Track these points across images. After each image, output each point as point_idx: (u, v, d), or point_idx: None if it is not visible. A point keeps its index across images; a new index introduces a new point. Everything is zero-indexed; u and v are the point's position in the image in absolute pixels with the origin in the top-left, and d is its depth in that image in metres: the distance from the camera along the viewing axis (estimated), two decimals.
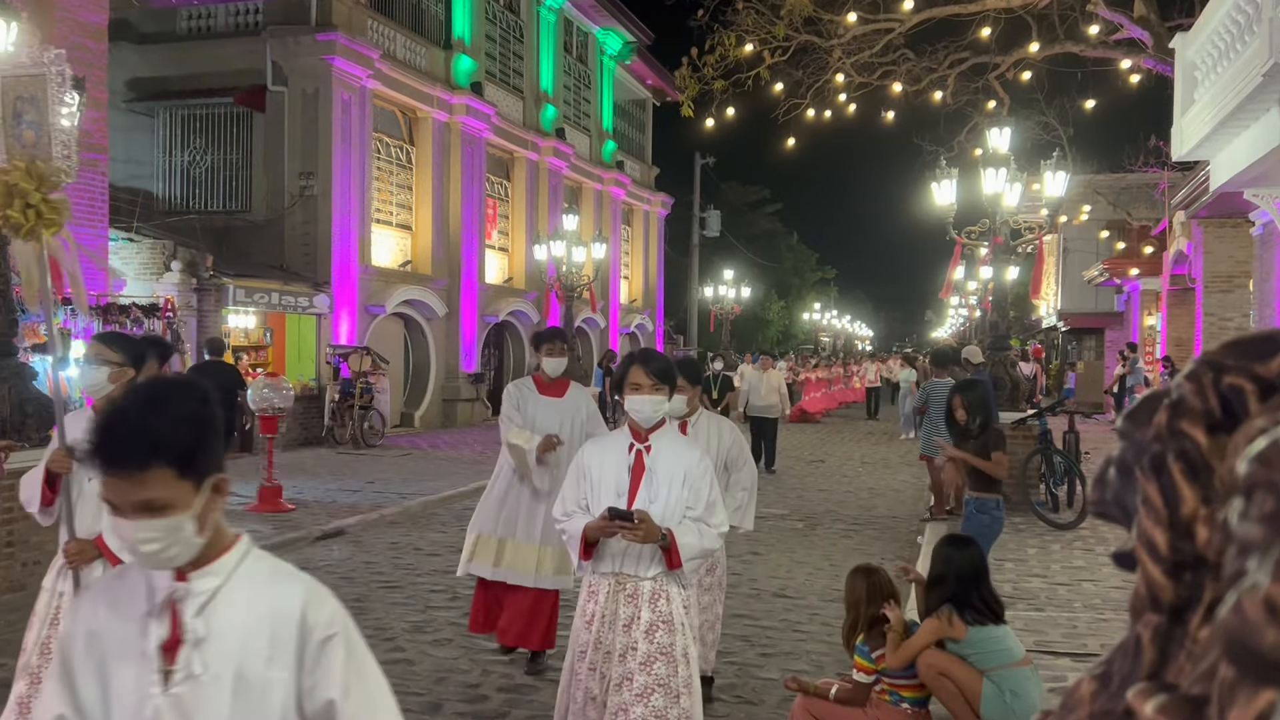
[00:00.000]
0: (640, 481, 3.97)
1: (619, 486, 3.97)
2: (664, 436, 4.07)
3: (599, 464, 4.06)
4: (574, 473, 4.15)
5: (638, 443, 4.05)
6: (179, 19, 21.15)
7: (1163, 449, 0.63)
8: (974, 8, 16.90)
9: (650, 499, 3.91)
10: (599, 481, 4.02)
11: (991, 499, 6.72)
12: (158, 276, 16.44)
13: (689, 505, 3.94)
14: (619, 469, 4.01)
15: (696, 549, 3.89)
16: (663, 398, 4.01)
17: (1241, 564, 0.51)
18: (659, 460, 3.99)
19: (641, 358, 4.05)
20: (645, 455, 4.01)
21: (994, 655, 4.68)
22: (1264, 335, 0.61)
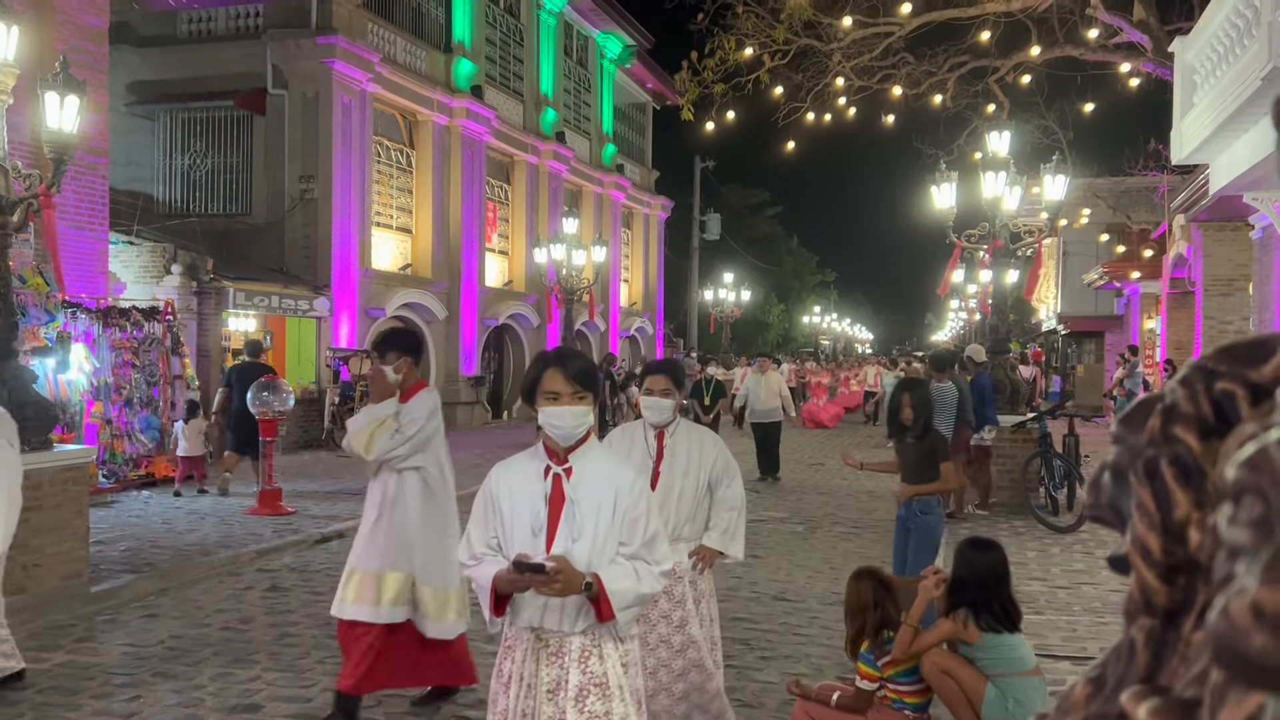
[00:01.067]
0: (560, 515, 3.23)
1: (534, 522, 3.23)
2: (587, 456, 3.30)
3: (509, 494, 3.30)
4: (481, 505, 3.36)
5: (555, 465, 3.28)
6: (179, 22, 21.17)
7: (1156, 454, 0.63)
8: (973, 11, 16.93)
9: (573, 536, 3.19)
10: (510, 516, 3.27)
11: (932, 500, 6.64)
12: (158, 280, 16.44)
13: (622, 540, 3.23)
14: (533, 500, 3.26)
15: (632, 595, 3.16)
16: (586, 408, 3.24)
17: (1230, 568, 0.51)
18: (583, 486, 3.25)
19: (557, 359, 3.32)
20: (565, 481, 3.25)
21: (1004, 662, 4.66)
22: (1257, 340, 0.62)
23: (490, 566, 3.20)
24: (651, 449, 4.80)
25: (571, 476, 3.27)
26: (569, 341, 20.34)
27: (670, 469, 4.77)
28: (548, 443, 3.33)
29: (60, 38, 13.21)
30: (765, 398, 15.77)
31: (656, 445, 4.82)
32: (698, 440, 4.89)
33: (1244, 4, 9.35)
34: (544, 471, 3.30)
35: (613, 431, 5.03)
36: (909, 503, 6.64)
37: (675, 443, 4.84)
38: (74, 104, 8.35)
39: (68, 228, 12.97)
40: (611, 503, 3.24)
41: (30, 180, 8.20)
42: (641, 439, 4.83)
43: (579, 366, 3.31)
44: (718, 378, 17.39)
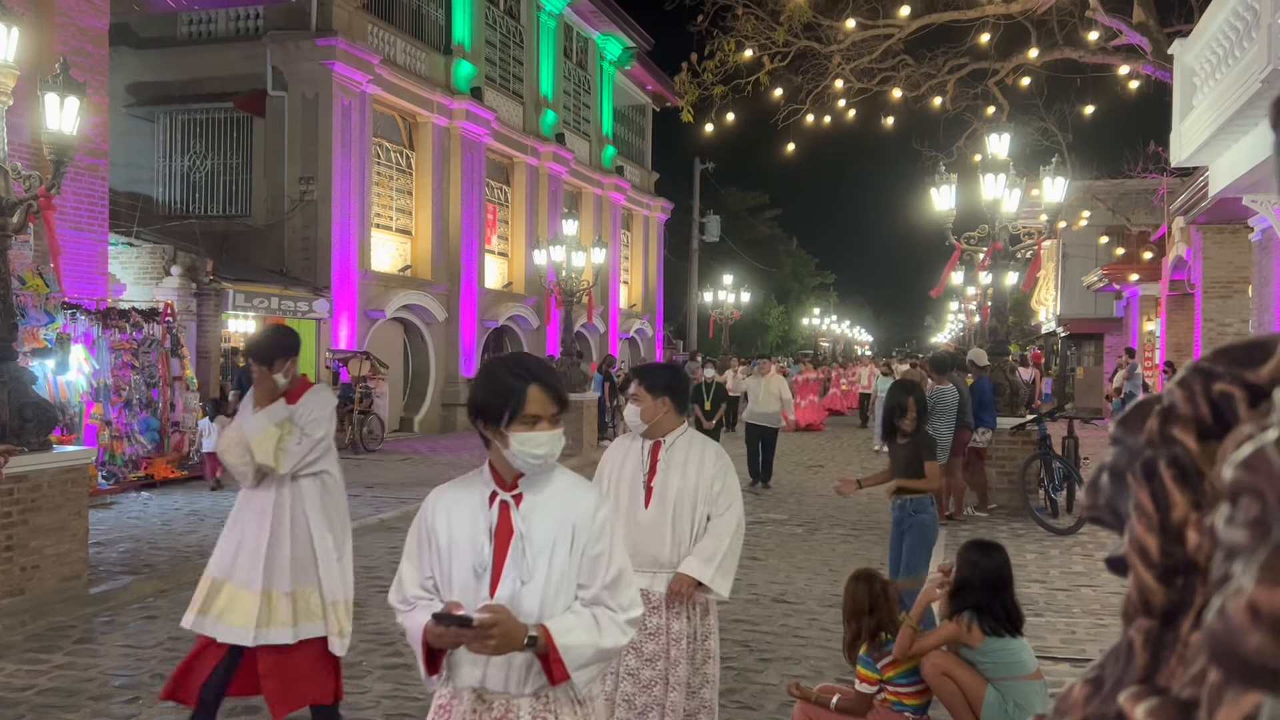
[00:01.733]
0: (507, 551, 2.68)
1: (476, 560, 2.68)
2: (540, 480, 2.76)
3: (448, 525, 2.76)
4: (415, 538, 2.82)
5: (501, 491, 2.74)
6: (179, 24, 21.18)
7: (1154, 455, 0.63)
8: (973, 14, 16.94)
9: (522, 577, 2.65)
10: (449, 552, 2.73)
11: (923, 499, 6.63)
12: (157, 281, 16.45)
13: (581, 582, 2.69)
14: (475, 533, 2.71)
15: (590, 650, 2.62)
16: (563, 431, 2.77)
17: (1227, 568, 0.51)
18: (534, 517, 2.71)
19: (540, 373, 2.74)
20: (513, 511, 2.71)
21: (1004, 665, 4.65)
22: (1254, 342, 0.62)
23: (423, 614, 2.62)
24: (645, 463, 4.27)
25: (521, 505, 2.73)
26: (569, 344, 20.32)
27: (664, 486, 4.22)
28: (494, 465, 2.79)
29: (60, 39, 13.22)
30: (765, 401, 15.28)
31: (650, 459, 4.28)
32: (698, 454, 4.27)
33: (1243, 6, 9.36)
34: (489, 499, 2.75)
35: (610, 446, 4.52)
36: (903, 503, 6.64)
37: (671, 456, 4.26)
38: (74, 105, 8.35)
39: (67, 229, 12.97)
40: (569, 536, 2.69)
41: (30, 182, 8.20)
42: (637, 452, 4.32)
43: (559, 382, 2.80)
44: (718, 380, 16.83)
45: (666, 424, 4.29)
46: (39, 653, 6.65)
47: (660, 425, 4.27)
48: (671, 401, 4.28)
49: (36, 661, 6.47)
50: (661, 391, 4.27)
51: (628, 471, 4.30)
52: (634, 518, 4.19)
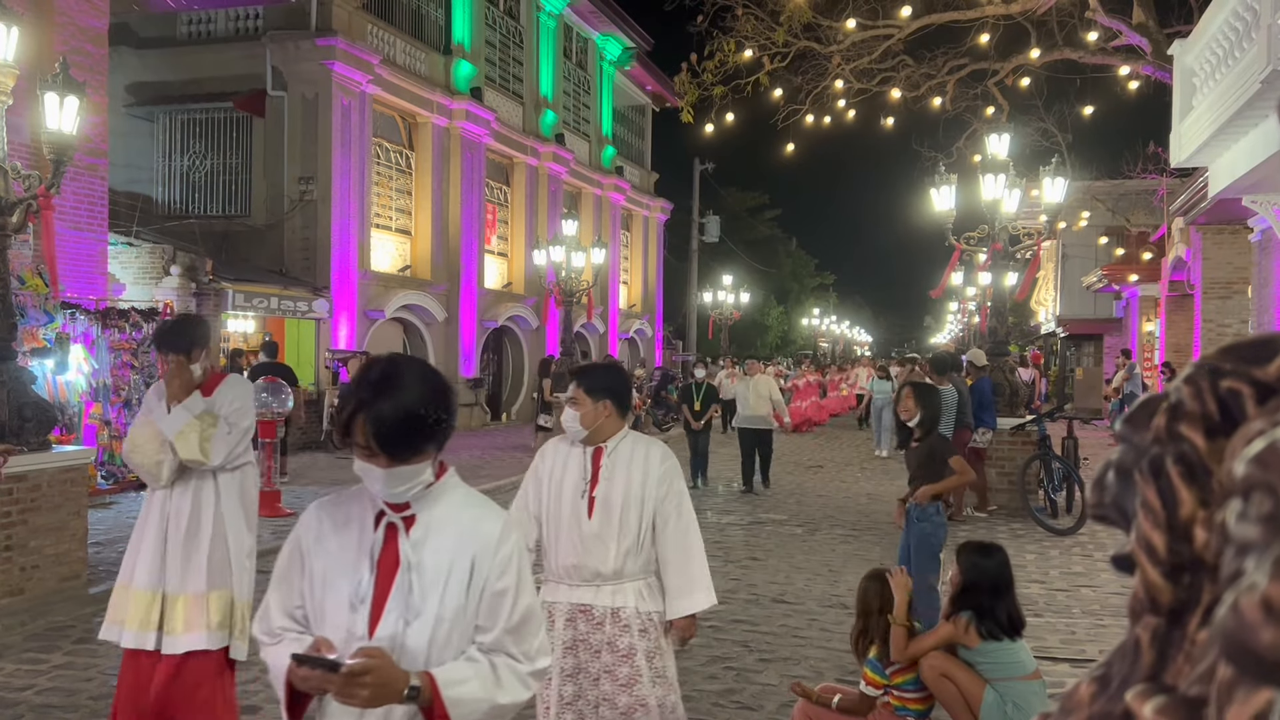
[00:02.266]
0: (392, 583, 2.26)
1: (354, 590, 2.26)
2: (439, 499, 2.35)
3: (323, 548, 2.33)
4: (285, 560, 2.40)
5: (390, 511, 2.30)
6: (179, 24, 21.18)
7: (1161, 452, 0.63)
8: (973, 14, 16.95)
9: (407, 615, 2.23)
10: (323, 580, 2.30)
11: (930, 507, 6.61)
12: (157, 281, 16.44)
13: (480, 624, 2.29)
14: (355, 559, 2.29)
15: (484, 707, 2.23)
16: (418, 467, 2.27)
17: (1239, 564, 0.51)
18: (428, 543, 2.28)
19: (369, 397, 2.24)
20: (402, 535, 2.28)
21: (1003, 666, 4.65)
22: (1262, 339, 0.62)
23: (288, 649, 2.24)
24: (587, 472, 3.95)
25: (413, 529, 2.30)
26: (568, 344, 20.31)
27: (607, 495, 3.91)
28: None
29: (60, 39, 13.21)
30: (754, 403, 14.82)
31: (593, 467, 3.95)
32: (642, 455, 3.98)
33: (1243, 7, 9.36)
34: (374, 519, 2.32)
35: (543, 449, 4.13)
36: (910, 509, 6.64)
37: (615, 462, 3.95)
38: (73, 105, 8.35)
39: (67, 229, 12.97)
40: (467, 568, 2.27)
41: (30, 181, 8.20)
42: (578, 459, 3.98)
43: (401, 411, 2.18)
44: (709, 381, 16.20)
45: (608, 428, 3.95)
46: (38, 653, 6.64)
47: (601, 430, 3.94)
48: (613, 404, 3.95)
49: (36, 661, 6.47)
50: (602, 394, 3.94)
51: (569, 482, 3.96)
52: (576, 530, 3.90)
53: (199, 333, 4.65)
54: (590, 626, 3.89)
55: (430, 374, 2.32)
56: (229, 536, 4.50)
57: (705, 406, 15.08)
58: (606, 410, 3.94)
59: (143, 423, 4.52)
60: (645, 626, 3.92)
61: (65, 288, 12.47)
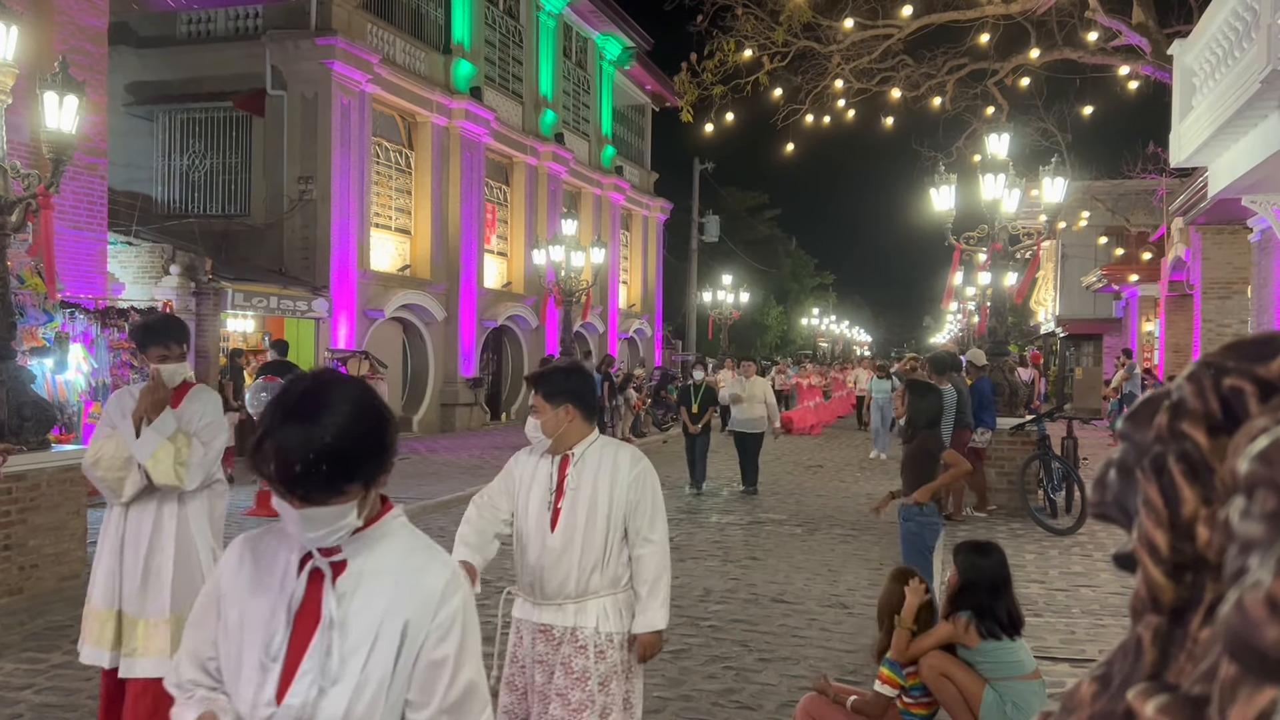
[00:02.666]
0: (311, 641, 1.92)
1: (268, 646, 1.93)
2: (375, 545, 1.98)
3: (239, 595, 2.00)
4: (203, 604, 2.08)
5: (319, 555, 1.95)
6: (179, 23, 21.17)
7: (1163, 450, 0.63)
8: (972, 14, 16.95)
9: (323, 682, 1.90)
10: (239, 628, 1.97)
11: (914, 506, 6.59)
12: (156, 280, 16.44)
13: (411, 698, 1.95)
14: (271, 609, 1.95)
15: None
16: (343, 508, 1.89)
17: (1243, 562, 0.51)
18: (357, 596, 1.94)
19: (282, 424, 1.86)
20: (327, 585, 1.94)
21: (1002, 666, 4.65)
22: (1264, 337, 0.62)
23: (193, 712, 1.97)
24: (552, 482, 3.75)
25: (341, 577, 1.95)
26: (568, 344, 20.31)
27: (572, 506, 3.69)
28: None
29: (59, 38, 13.21)
30: (749, 405, 14.53)
31: (558, 476, 3.75)
32: (610, 461, 3.74)
33: (1243, 7, 9.36)
34: (298, 565, 1.96)
35: (515, 459, 3.95)
36: (902, 508, 6.65)
37: (581, 470, 3.73)
38: (73, 104, 8.35)
39: (66, 228, 12.96)
40: (398, 631, 1.92)
41: (29, 180, 8.20)
42: (545, 469, 3.79)
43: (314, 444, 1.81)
44: (708, 382, 15.81)
45: (573, 434, 3.74)
46: (37, 652, 6.64)
47: (566, 437, 3.73)
48: (575, 408, 3.72)
49: (35, 661, 6.46)
50: (562, 398, 3.71)
51: (535, 493, 3.76)
52: (540, 544, 3.70)
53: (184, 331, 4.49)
54: (548, 647, 3.70)
55: (361, 399, 1.94)
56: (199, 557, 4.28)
57: (703, 409, 14.78)
58: (569, 415, 3.71)
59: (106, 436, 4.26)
60: (604, 649, 3.66)
61: (64, 287, 12.46)
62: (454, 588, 1.99)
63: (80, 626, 4.44)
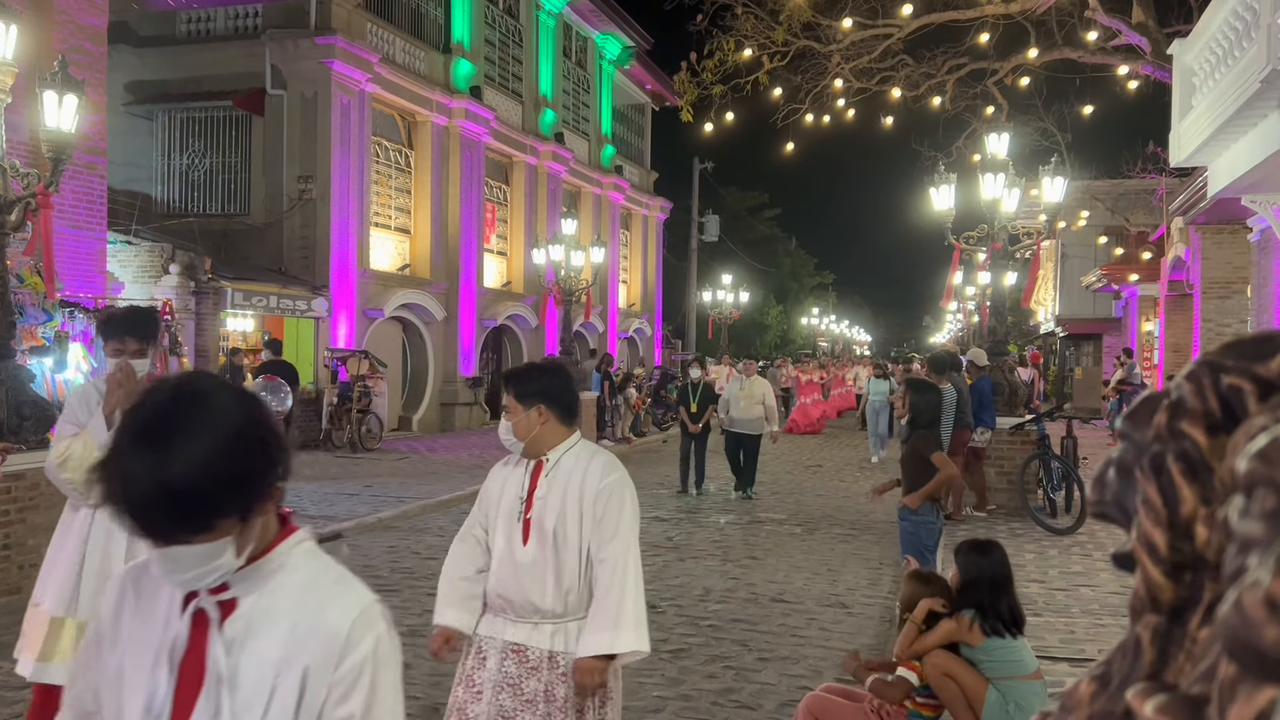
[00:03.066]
0: (198, 694, 1.62)
1: (151, 696, 1.62)
2: (272, 576, 1.69)
3: (117, 636, 1.70)
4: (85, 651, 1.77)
5: (206, 594, 1.64)
6: (178, 22, 21.17)
7: (1162, 449, 0.63)
8: (972, 14, 16.95)
9: None
10: (118, 678, 1.67)
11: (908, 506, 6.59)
12: (156, 279, 16.44)
13: None
14: (154, 653, 1.65)
15: None
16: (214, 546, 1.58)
17: (1242, 561, 0.51)
18: (249, 642, 1.64)
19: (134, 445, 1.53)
20: (214, 631, 1.64)
21: (1005, 665, 4.65)
22: (1263, 336, 0.62)
23: None
24: (523, 490, 3.50)
25: (230, 620, 1.64)
26: (568, 343, 20.30)
27: (542, 515, 3.43)
28: None
29: (59, 37, 13.20)
30: (746, 405, 13.93)
31: (530, 484, 3.50)
32: (582, 469, 3.46)
33: (1243, 6, 9.35)
34: (182, 602, 1.66)
35: (492, 471, 3.69)
36: (900, 509, 6.66)
37: (554, 477, 3.46)
38: (72, 103, 8.34)
39: (66, 227, 12.96)
40: (296, 683, 1.61)
41: (28, 179, 8.19)
42: (518, 477, 3.54)
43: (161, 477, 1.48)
44: (705, 380, 15.28)
45: (548, 438, 3.47)
46: None
47: (540, 441, 3.46)
48: (550, 409, 3.46)
49: None
50: (535, 399, 3.46)
51: (505, 503, 3.52)
52: (511, 557, 3.44)
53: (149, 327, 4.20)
54: (523, 670, 3.39)
55: (228, 417, 1.56)
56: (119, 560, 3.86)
57: (702, 408, 14.45)
58: (542, 417, 3.44)
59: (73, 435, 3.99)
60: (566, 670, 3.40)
61: (64, 286, 12.46)
62: (363, 629, 1.65)
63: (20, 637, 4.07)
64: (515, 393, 3.49)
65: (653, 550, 10.32)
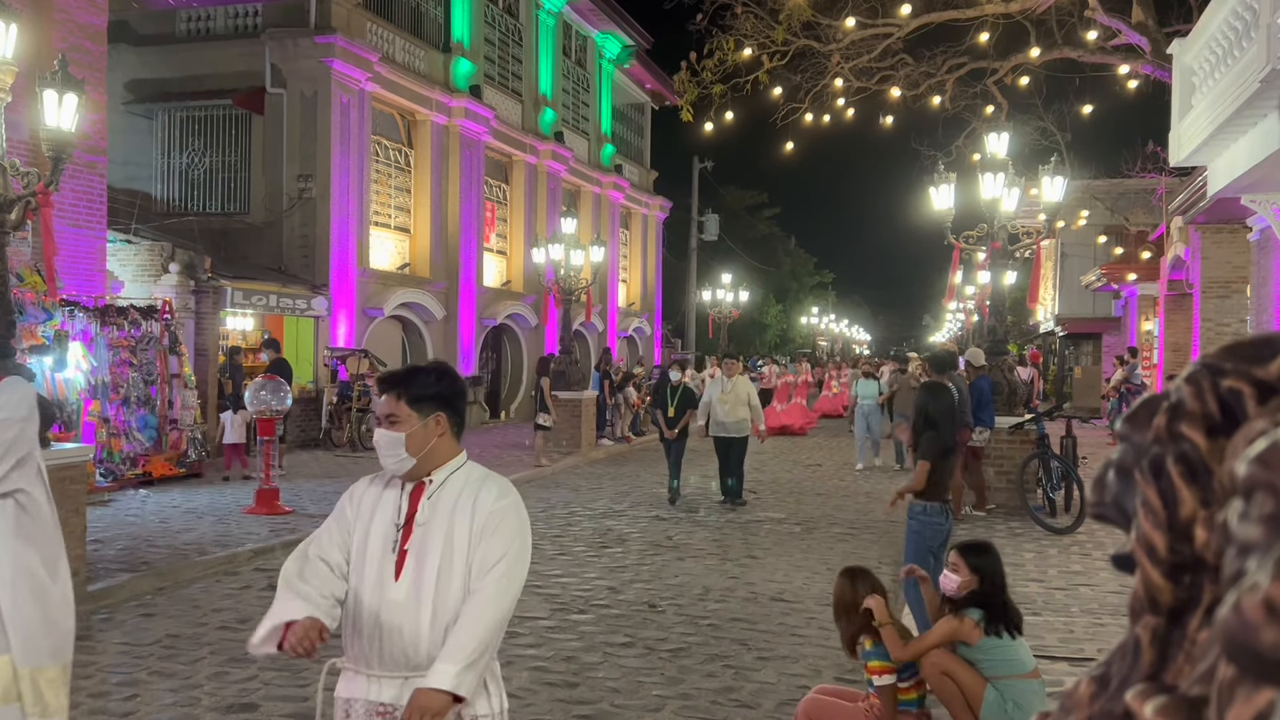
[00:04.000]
0: None
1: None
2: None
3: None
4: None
5: None
6: (178, 21, 21.15)
7: (1162, 451, 0.63)
8: (972, 13, 16.95)
9: None
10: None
11: (918, 505, 6.58)
12: (155, 278, 16.43)
13: None
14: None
15: None
16: None
17: (1241, 564, 0.51)
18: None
19: None
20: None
21: (1003, 664, 4.66)
22: (1262, 339, 0.62)
23: None
24: (400, 517, 2.92)
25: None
26: (568, 342, 20.28)
27: (422, 548, 2.86)
28: None
29: (59, 36, 13.20)
30: (731, 407, 13.04)
31: (408, 510, 2.93)
32: (472, 494, 2.91)
33: (1243, 6, 9.36)
34: None
35: (355, 486, 3.07)
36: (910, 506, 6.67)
37: (436, 503, 2.90)
38: (72, 102, 8.34)
39: (65, 226, 12.95)
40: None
41: (28, 178, 8.19)
42: (392, 500, 2.96)
43: None
44: (685, 382, 14.16)
45: (438, 454, 2.93)
46: None
47: (432, 457, 2.91)
48: (449, 420, 2.95)
49: None
50: (432, 405, 2.92)
51: (377, 530, 2.91)
52: (379, 595, 2.85)
53: None
54: None
55: None
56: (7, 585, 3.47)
57: (680, 412, 13.52)
58: (440, 428, 2.91)
59: None
60: None
61: (64, 285, 12.45)
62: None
63: None
64: (410, 398, 2.90)
65: (652, 549, 10.32)
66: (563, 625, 7.43)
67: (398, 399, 2.91)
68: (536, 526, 11.24)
